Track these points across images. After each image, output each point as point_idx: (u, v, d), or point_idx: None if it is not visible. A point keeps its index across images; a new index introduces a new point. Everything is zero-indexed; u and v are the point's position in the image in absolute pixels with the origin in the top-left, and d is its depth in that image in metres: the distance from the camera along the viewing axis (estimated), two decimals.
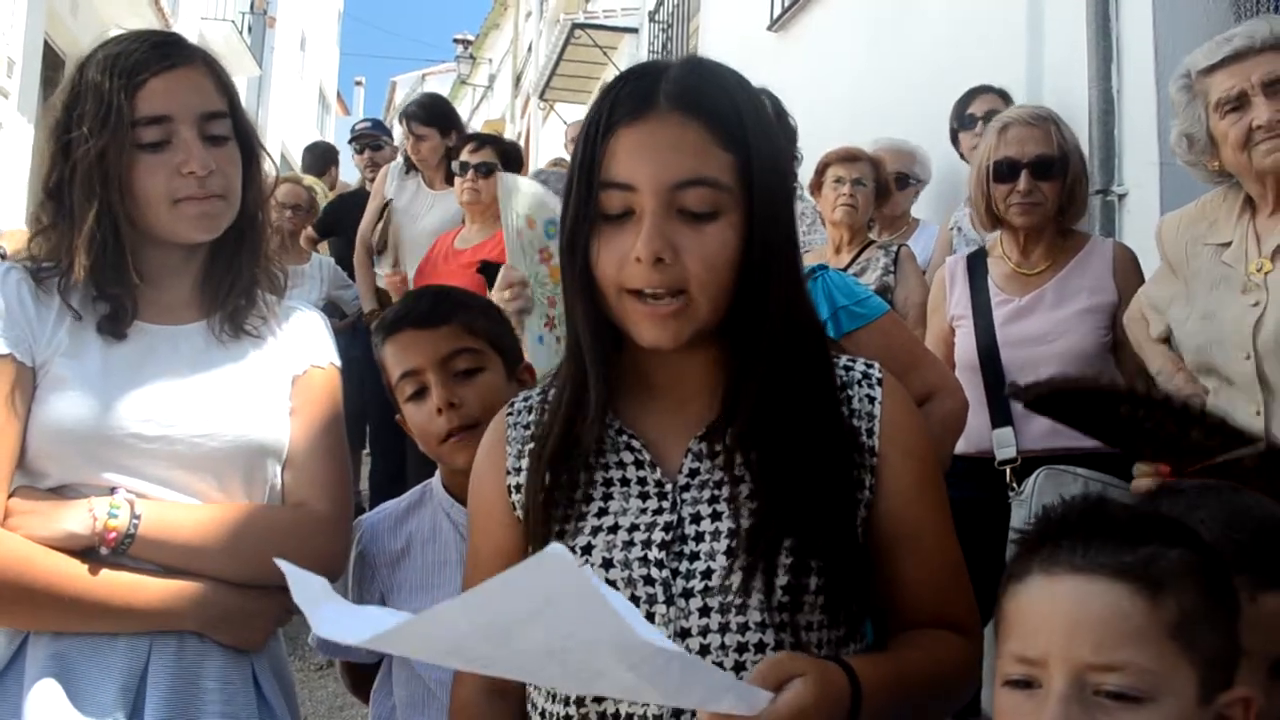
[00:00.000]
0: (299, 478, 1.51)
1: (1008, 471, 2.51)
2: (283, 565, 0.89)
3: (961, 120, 3.95)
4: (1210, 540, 1.01)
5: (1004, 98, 3.84)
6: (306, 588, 0.90)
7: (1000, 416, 2.56)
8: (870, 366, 1.25)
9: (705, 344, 1.17)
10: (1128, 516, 0.98)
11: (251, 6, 18.78)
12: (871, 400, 1.21)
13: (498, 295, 2.24)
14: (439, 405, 1.65)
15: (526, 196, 3.04)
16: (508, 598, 0.78)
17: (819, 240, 3.59)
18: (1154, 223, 3.24)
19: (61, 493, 1.40)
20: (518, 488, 1.23)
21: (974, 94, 3.97)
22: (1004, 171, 2.59)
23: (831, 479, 1.15)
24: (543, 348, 2.25)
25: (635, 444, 1.19)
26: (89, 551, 1.36)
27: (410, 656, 0.93)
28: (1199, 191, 3.15)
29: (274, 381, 1.52)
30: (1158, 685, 0.90)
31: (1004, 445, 2.53)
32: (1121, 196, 3.51)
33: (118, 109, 1.39)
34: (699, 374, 1.20)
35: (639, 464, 1.19)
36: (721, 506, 1.15)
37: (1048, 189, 2.58)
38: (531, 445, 1.24)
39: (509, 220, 3.16)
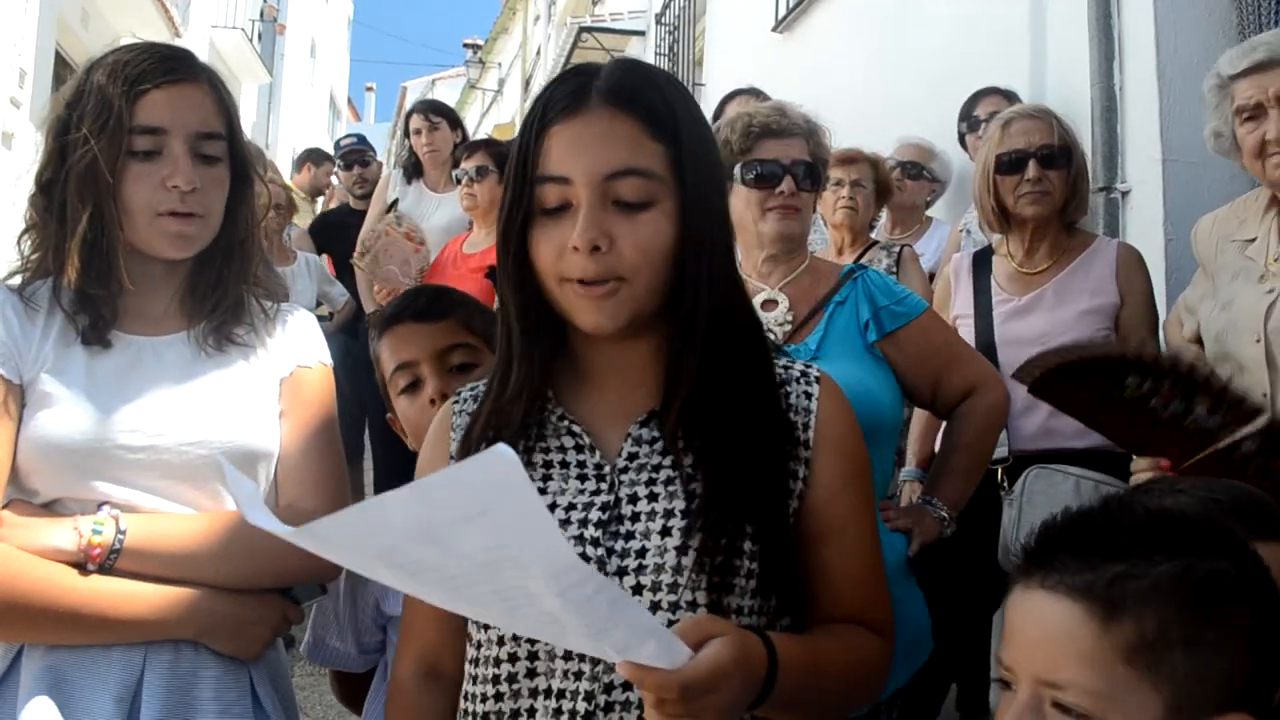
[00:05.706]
0: (289, 479, 1.51)
1: (999, 471, 2.50)
2: (224, 464, 0.86)
3: (970, 122, 3.94)
4: (1198, 512, 1.02)
5: (1010, 99, 3.81)
6: (243, 487, 0.87)
7: None
8: (809, 366, 1.29)
9: (646, 333, 1.20)
10: (1113, 529, 0.97)
11: (261, 14, 18.85)
12: (809, 397, 1.24)
13: None
14: (433, 396, 1.66)
15: None
16: (448, 494, 0.75)
17: (820, 241, 3.57)
18: (1157, 220, 3.27)
19: (55, 508, 1.40)
20: None
21: (980, 96, 3.96)
22: (1011, 163, 2.59)
23: (768, 466, 1.18)
24: None
25: (576, 429, 1.21)
26: (79, 568, 1.35)
27: (338, 560, 0.89)
28: (1203, 188, 3.16)
29: (261, 386, 1.52)
30: (1106, 707, 0.90)
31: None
32: (1125, 194, 3.49)
33: (117, 114, 1.41)
34: (641, 363, 1.23)
35: (579, 448, 1.21)
36: (659, 489, 1.17)
37: (1055, 178, 2.57)
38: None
39: None
